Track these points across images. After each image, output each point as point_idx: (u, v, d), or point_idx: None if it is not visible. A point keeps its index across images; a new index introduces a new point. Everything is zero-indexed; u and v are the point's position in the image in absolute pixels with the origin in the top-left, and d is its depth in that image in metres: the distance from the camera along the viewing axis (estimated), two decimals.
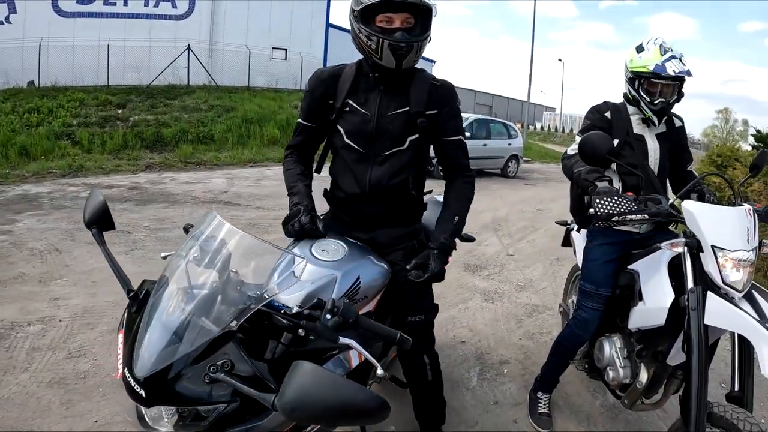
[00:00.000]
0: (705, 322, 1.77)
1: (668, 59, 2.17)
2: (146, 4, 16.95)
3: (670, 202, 2.00)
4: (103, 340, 3.13)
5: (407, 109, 1.79)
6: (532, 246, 6.41)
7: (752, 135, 7.06)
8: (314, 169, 2.04)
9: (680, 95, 2.29)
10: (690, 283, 1.85)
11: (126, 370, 1.11)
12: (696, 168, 2.56)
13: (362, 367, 1.46)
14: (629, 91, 2.34)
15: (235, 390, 1.08)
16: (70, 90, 14.41)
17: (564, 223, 3.02)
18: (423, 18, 1.67)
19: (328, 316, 1.19)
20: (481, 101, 40.88)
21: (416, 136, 1.81)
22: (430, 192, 2.23)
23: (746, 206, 1.88)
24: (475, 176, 2.01)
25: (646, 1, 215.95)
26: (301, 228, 1.67)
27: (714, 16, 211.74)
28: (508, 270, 5.32)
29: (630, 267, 2.31)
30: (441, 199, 2.07)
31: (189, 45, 16.54)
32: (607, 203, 1.89)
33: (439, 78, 1.89)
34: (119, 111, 13.82)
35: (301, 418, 0.96)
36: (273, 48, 20.38)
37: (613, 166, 2.29)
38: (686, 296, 1.85)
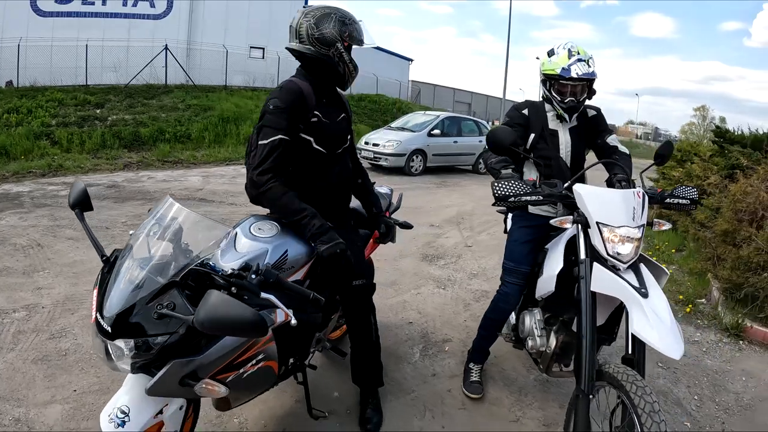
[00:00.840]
0: (591, 289, 2.02)
1: (574, 62, 2.42)
2: (124, 4, 17.05)
3: (566, 185, 2.24)
4: (83, 323, 3.45)
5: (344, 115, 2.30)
6: (491, 238, 6.74)
7: (712, 131, 7.41)
8: None
9: (591, 93, 2.55)
10: (582, 255, 2.09)
11: (97, 314, 1.47)
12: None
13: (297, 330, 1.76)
14: (543, 91, 2.61)
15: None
16: (48, 90, 14.49)
17: (502, 211, 3.19)
18: None
19: (253, 276, 1.54)
20: (460, 99, 41.21)
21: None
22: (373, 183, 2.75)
23: (636, 189, 2.14)
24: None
25: (627, 1, 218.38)
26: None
27: (694, 15, 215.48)
28: (464, 260, 5.66)
29: (546, 246, 2.57)
30: (382, 190, 2.93)
31: (166, 45, 16.68)
32: (504, 186, 2.15)
33: None
34: (98, 111, 13.94)
35: (210, 329, 1.27)
36: (251, 47, 20.57)
37: (532, 158, 2.53)
38: (578, 267, 2.11)
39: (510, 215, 2.99)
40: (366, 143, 12.62)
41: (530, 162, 2.63)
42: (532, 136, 2.62)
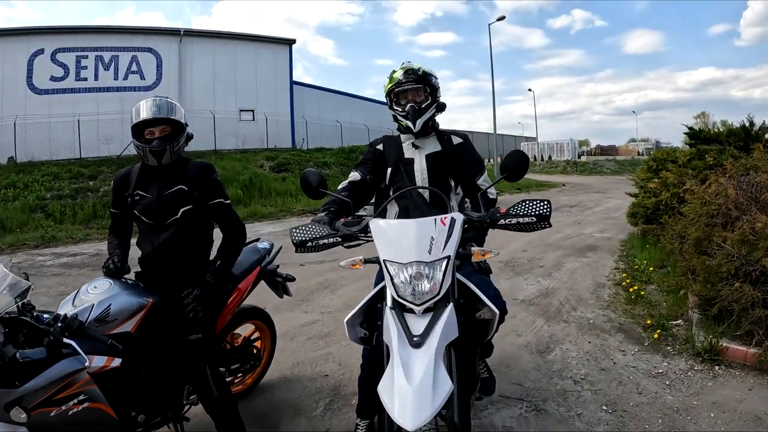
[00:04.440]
0: (383, 338, 1.74)
1: (404, 72, 2.35)
2: (116, 78, 17.74)
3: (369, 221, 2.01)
4: None
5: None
6: None
7: (684, 133, 6.69)
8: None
9: (434, 103, 2.39)
10: (388, 298, 1.79)
11: None
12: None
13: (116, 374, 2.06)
14: (393, 115, 2.44)
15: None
16: (45, 164, 14.91)
17: None
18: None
19: (59, 324, 1.86)
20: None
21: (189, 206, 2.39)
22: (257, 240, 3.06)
23: (441, 216, 1.83)
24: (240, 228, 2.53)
25: (615, 20, 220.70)
26: (113, 266, 2.34)
27: (680, 25, 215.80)
28: None
29: None
30: (260, 245, 3.02)
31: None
32: (301, 231, 2.00)
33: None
34: (91, 182, 14.21)
35: None
36: (240, 110, 21.14)
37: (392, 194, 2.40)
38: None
39: None
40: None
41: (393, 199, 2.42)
42: (389, 170, 2.46)
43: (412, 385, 1.48)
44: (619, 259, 6.87)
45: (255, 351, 3.17)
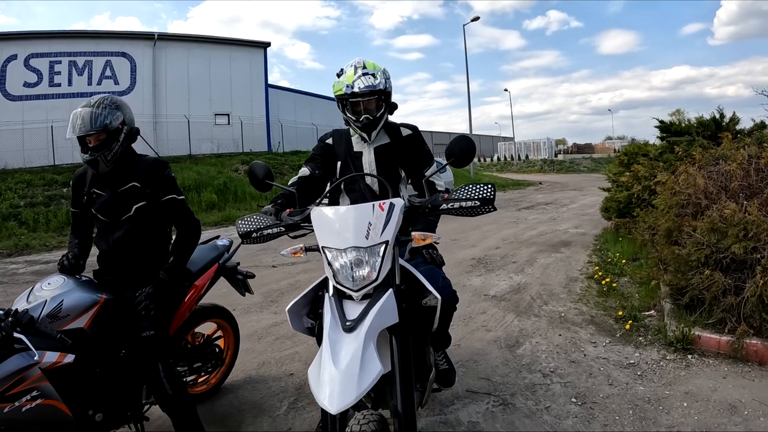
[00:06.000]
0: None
1: (359, 77, 2.23)
2: (89, 83, 17.44)
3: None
4: None
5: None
6: None
7: (656, 126, 6.64)
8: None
9: (390, 107, 2.37)
10: (329, 286, 1.77)
11: None
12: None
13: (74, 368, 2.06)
14: (343, 114, 2.38)
15: None
16: (18, 172, 14.59)
17: None
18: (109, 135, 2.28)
19: (10, 319, 1.86)
20: (438, 141, 42.00)
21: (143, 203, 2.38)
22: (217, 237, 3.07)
23: (379, 202, 1.83)
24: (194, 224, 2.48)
25: (590, 21, 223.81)
26: (66, 263, 2.38)
27: (654, 24, 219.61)
28: None
29: None
30: (219, 242, 2.99)
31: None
32: (245, 223, 2.00)
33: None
34: (64, 189, 13.86)
35: None
36: (215, 114, 20.94)
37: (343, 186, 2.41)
38: None
39: None
40: None
41: (344, 191, 2.46)
42: (339, 163, 2.47)
43: (339, 368, 1.46)
44: (593, 253, 6.86)
45: (217, 350, 3.10)
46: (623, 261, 5.67)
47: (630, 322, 3.84)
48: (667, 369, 3.15)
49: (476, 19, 28.21)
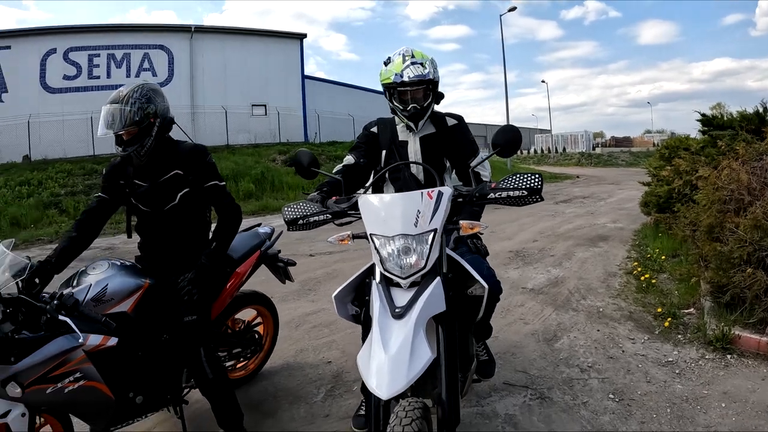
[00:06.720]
0: (371, 312, 1.70)
1: (407, 66, 2.23)
2: (128, 75, 17.87)
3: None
4: None
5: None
6: None
7: (697, 120, 6.49)
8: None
9: (437, 97, 2.35)
10: (376, 273, 1.80)
11: None
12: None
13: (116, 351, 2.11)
14: (389, 103, 2.38)
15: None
16: (59, 162, 15.09)
17: None
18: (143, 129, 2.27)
19: (55, 302, 1.90)
20: (476, 132, 41.42)
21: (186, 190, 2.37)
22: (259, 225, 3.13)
23: (427, 190, 1.83)
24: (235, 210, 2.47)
25: (628, 11, 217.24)
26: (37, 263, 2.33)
27: (694, 15, 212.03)
28: None
29: None
30: (261, 230, 3.02)
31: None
32: (292, 209, 2.02)
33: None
34: None
35: None
36: (252, 105, 21.19)
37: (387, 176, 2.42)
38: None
39: None
40: None
41: (389, 179, 2.47)
42: (384, 152, 2.48)
43: (389, 354, 1.48)
44: (631, 248, 6.74)
45: (257, 336, 3.15)
46: (663, 257, 5.56)
47: (669, 319, 3.78)
48: (705, 368, 3.11)
49: (513, 9, 27.60)
